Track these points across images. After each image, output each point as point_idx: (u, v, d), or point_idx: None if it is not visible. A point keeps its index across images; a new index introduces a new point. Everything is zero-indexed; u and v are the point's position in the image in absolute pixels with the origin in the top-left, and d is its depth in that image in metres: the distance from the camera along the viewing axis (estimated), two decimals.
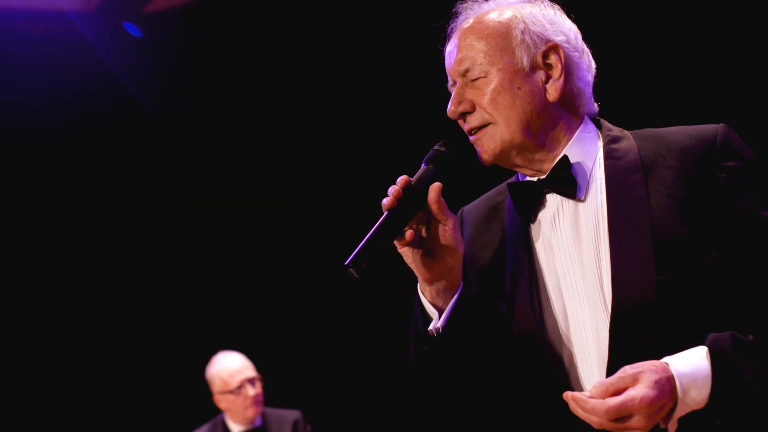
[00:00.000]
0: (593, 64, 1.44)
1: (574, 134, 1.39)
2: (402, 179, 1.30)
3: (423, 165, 1.35)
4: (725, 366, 1.17)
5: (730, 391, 1.16)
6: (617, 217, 1.30)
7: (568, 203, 1.36)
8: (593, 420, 1.13)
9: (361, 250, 1.24)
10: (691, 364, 1.17)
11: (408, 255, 1.32)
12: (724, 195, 1.26)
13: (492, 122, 1.36)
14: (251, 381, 3.61)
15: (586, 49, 1.44)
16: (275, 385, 3.98)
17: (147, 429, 3.07)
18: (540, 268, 1.36)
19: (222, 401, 3.62)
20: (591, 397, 1.13)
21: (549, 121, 1.37)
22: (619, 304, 1.25)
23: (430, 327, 1.33)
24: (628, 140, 1.38)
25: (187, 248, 6.21)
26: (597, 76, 1.45)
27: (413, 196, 1.30)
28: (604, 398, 1.12)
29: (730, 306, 1.24)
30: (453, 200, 1.40)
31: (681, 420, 1.17)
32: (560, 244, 1.35)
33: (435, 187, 1.30)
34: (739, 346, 1.19)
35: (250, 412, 3.59)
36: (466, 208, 1.54)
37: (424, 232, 1.32)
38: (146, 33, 3.95)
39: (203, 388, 3.74)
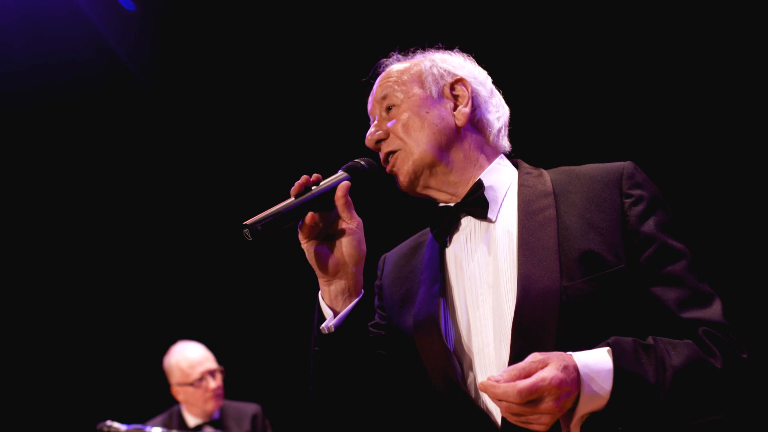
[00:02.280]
0: (506, 108, 1.56)
1: (489, 164, 1.48)
2: (314, 175, 1.40)
3: (339, 171, 1.44)
4: (626, 363, 1.20)
5: (631, 388, 1.19)
6: (526, 232, 1.36)
7: (481, 224, 1.43)
8: (504, 405, 1.15)
9: (260, 217, 1.31)
10: (594, 359, 1.20)
11: (309, 250, 1.39)
12: (629, 217, 1.34)
13: (403, 146, 1.46)
14: (212, 373, 3.49)
15: (497, 93, 1.56)
16: (235, 376, 3.90)
17: (100, 418, 2.96)
18: (449, 286, 1.43)
19: (180, 393, 3.49)
20: (502, 382, 1.15)
21: (459, 144, 1.47)
22: (522, 308, 1.29)
23: (323, 325, 1.39)
24: (543, 174, 1.47)
25: (148, 234, 6.11)
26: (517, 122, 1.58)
27: (322, 192, 1.38)
28: (514, 381, 1.14)
29: (630, 315, 1.30)
30: (377, 242, 1.52)
31: (583, 427, 1.20)
32: (470, 263, 1.41)
33: (343, 185, 1.39)
34: (640, 348, 1.23)
35: (210, 406, 3.48)
36: (388, 253, 1.63)
37: (327, 229, 1.40)
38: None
39: (159, 378, 3.63)
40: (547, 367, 1.15)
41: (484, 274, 1.39)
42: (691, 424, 1.24)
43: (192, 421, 3.50)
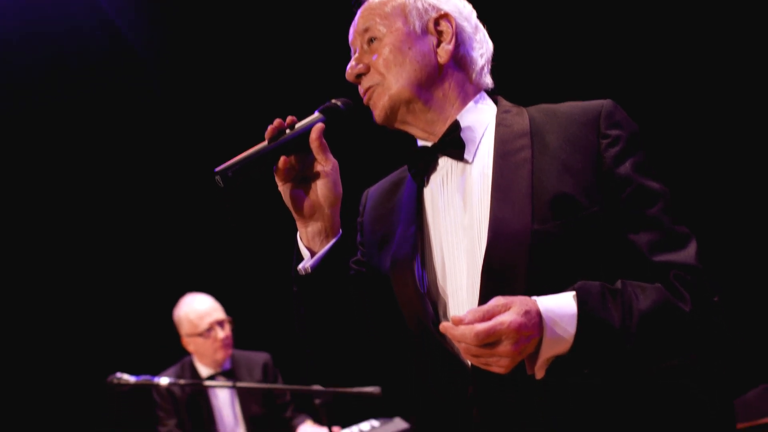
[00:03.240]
0: (490, 44, 1.52)
1: (468, 102, 1.45)
2: (289, 117, 1.39)
3: (315, 112, 1.43)
4: (591, 308, 1.20)
5: (595, 333, 1.19)
6: (500, 174, 1.35)
7: (458, 165, 1.41)
8: (463, 347, 1.16)
9: (231, 164, 1.32)
10: (558, 303, 1.20)
11: (286, 193, 1.39)
12: (605, 159, 1.32)
13: (382, 80, 1.43)
14: (220, 323, 3.53)
15: (482, 28, 1.52)
16: (245, 327, 3.93)
17: (113, 370, 2.99)
18: (426, 227, 1.42)
19: (190, 344, 3.54)
20: (463, 323, 1.15)
21: (439, 82, 1.44)
22: (492, 251, 1.30)
23: (300, 266, 1.40)
24: (522, 113, 1.44)
25: (154, 186, 6.12)
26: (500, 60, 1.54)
27: (296, 135, 1.37)
28: (474, 323, 1.14)
29: (602, 259, 1.29)
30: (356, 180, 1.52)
31: (549, 369, 1.20)
32: (446, 205, 1.40)
33: (317, 128, 1.38)
34: (607, 292, 1.22)
35: (219, 355, 3.52)
36: (371, 188, 1.62)
37: (303, 172, 1.39)
38: None
39: (171, 330, 3.67)
40: (508, 311, 1.15)
41: (459, 217, 1.38)
42: (660, 367, 1.25)
43: (204, 371, 3.56)
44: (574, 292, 1.21)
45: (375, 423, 3.25)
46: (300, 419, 3.50)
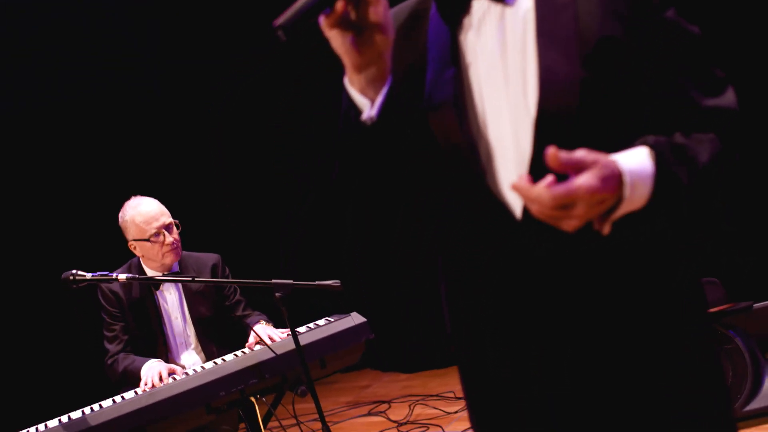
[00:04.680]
0: None
1: None
2: None
3: None
4: (667, 167, 1.19)
5: (667, 191, 1.19)
6: (544, 19, 1.29)
7: (495, 8, 1.34)
8: (535, 207, 1.15)
9: (291, 14, 1.25)
10: (638, 163, 1.18)
11: (337, 38, 1.29)
12: (650, 4, 1.28)
13: None
14: (168, 228, 3.46)
15: None
16: (193, 228, 3.88)
17: (61, 270, 2.95)
18: (464, 74, 1.36)
19: (137, 248, 3.48)
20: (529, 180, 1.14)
21: None
22: (545, 102, 1.27)
23: (364, 116, 1.32)
24: None
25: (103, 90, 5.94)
26: None
27: None
28: (565, 164, 1.13)
29: (651, 105, 1.28)
30: None
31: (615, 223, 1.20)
32: (484, 50, 1.34)
33: None
34: (675, 147, 1.22)
35: (168, 260, 3.47)
36: (392, 10, 1.50)
37: (353, 14, 1.29)
38: None
39: (116, 233, 3.60)
40: (587, 174, 1.12)
41: (498, 63, 1.33)
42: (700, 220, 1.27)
43: (151, 273, 3.50)
44: (647, 149, 1.21)
45: (331, 319, 3.29)
46: (254, 318, 3.51)
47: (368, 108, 1.33)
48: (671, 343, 1.32)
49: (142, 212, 3.45)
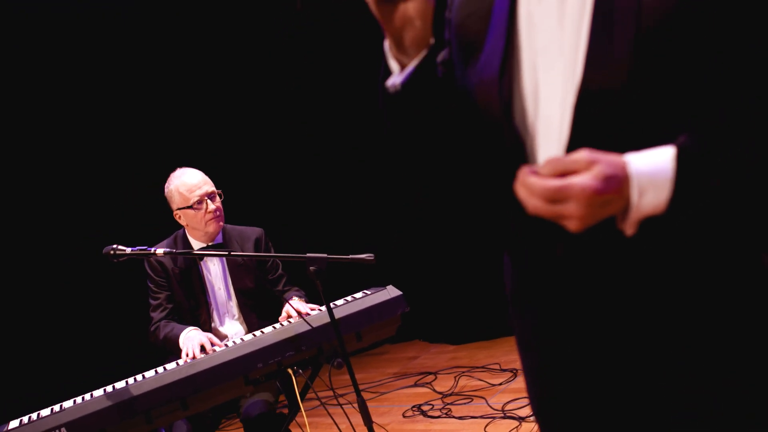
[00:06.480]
0: None
1: None
2: None
3: None
4: (691, 169, 1.08)
5: (691, 197, 1.08)
6: None
7: None
8: (529, 201, 1.08)
9: None
10: (654, 163, 1.08)
11: (376, 3, 1.25)
12: None
13: None
14: (210, 196, 3.54)
15: None
16: (237, 203, 3.95)
17: (106, 243, 3.02)
18: (518, 43, 1.27)
19: (182, 217, 3.57)
20: (537, 174, 1.08)
21: None
22: (588, 81, 1.17)
23: (388, 82, 1.30)
24: None
25: (150, 66, 6.00)
26: None
27: None
28: (550, 176, 1.06)
29: (708, 101, 1.13)
30: None
31: (642, 224, 1.11)
32: (543, 18, 1.24)
33: None
34: (711, 148, 1.09)
35: (211, 228, 3.55)
36: None
37: None
38: None
39: (163, 205, 3.69)
40: (587, 171, 1.05)
41: (556, 35, 1.23)
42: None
43: (196, 244, 3.59)
44: (673, 151, 1.09)
45: (368, 292, 3.30)
46: (291, 294, 3.56)
47: (396, 74, 1.29)
48: (727, 326, 1.19)
49: (186, 182, 3.55)
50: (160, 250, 3.07)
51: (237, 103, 6.70)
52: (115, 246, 2.98)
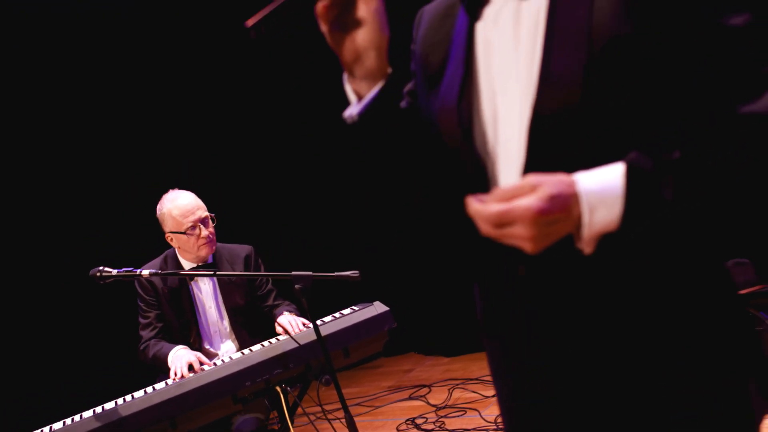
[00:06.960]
0: None
1: None
2: None
3: None
4: (641, 185, 1.09)
5: (643, 212, 1.09)
6: (556, 12, 1.20)
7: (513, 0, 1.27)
8: (481, 227, 1.10)
9: (264, 15, 1.25)
10: (603, 181, 1.09)
11: (328, 37, 1.28)
12: None
13: None
14: (204, 221, 3.55)
15: None
16: (227, 220, 3.96)
17: (96, 262, 3.04)
18: (477, 68, 1.30)
19: (174, 240, 3.58)
20: (482, 202, 1.09)
21: None
22: (541, 102, 1.18)
23: (346, 113, 1.33)
24: None
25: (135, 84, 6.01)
26: None
27: None
28: (496, 202, 1.08)
29: (660, 118, 1.15)
30: None
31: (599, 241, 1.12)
32: (499, 43, 1.27)
33: None
34: (662, 164, 1.10)
35: (203, 252, 3.56)
36: (426, 7, 1.48)
37: (344, 14, 1.26)
38: None
39: (154, 224, 3.70)
40: (533, 193, 1.06)
41: (512, 58, 1.25)
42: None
43: (186, 265, 3.60)
44: (623, 167, 1.10)
45: (355, 308, 3.32)
46: (282, 308, 3.58)
47: (354, 105, 1.31)
48: (692, 336, 1.21)
49: (179, 206, 3.54)
50: (146, 271, 3.09)
51: (229, 112, 6.71)
52: (101, 268, 3.00)
